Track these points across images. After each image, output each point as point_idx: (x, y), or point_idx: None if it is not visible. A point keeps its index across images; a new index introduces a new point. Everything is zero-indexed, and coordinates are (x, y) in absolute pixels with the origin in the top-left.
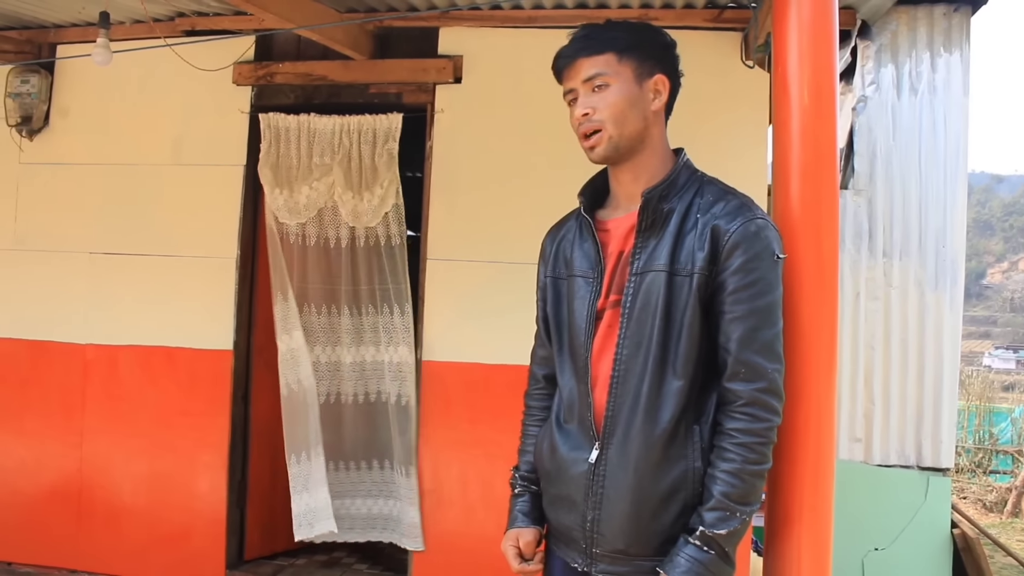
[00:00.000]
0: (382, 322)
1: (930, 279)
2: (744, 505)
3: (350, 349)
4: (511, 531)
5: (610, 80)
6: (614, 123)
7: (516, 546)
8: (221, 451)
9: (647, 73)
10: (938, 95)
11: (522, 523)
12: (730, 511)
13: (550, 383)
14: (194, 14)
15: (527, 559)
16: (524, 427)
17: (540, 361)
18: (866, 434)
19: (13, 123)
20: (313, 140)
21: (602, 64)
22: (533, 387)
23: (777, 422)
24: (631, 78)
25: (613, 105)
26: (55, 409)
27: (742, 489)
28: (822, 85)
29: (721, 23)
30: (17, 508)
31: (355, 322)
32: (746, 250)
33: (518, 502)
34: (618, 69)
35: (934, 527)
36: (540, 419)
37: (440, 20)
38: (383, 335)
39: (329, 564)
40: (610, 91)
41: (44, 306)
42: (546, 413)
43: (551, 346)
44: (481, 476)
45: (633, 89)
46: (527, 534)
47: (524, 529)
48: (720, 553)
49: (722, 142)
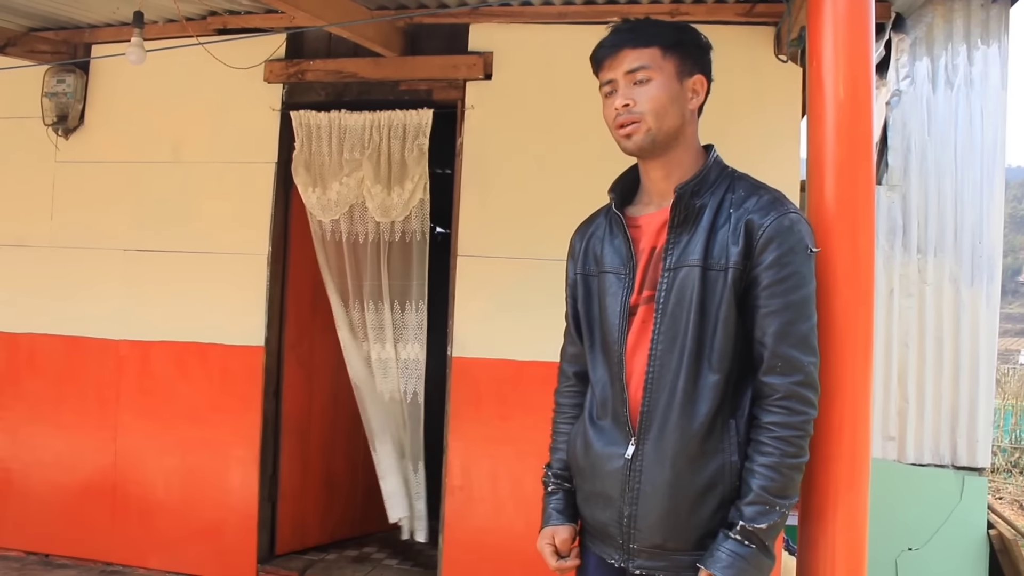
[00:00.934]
0: (397, 319)
1: (966, 276)
2: (783, 498)
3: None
4: (546, 529)
5: (653, 74)
6: (654, 117)
7: (552, 544)
8: (253, 446)
9: (688, 72)
10: (975, 88)
11: (557, 521)
12: (769, 504)
13: (581, 380)
14: (226, 13)
15: (563, 556)
16: (555, 425)
17: (570, 358)
18: (900, 432)
19: (49, 122)
20: (344, 137)
21: (647, 57)
22: (564, 384)
23: (814, 415)
24: (673, 74)
25: (655, 99)
26: (90, 404)
27: (780, 483)
28: (858, 79)
29: (753, 17)
30: (54, 501)
31: (374, 318)
32: (780, 244)
33: (552, 500)
34: (662, 64)
35: (970, 527)
36: (572, 416)
37: (470, 16)
38: (397, 332)
39: (359, 559)
40: (652, 85)
41: (79, 302)
42: (577, 410)
43: (582, 343)
44: (511, 473)
45: (674, 86)
46: (562, 531)
47: (559, 527)
48: (760, 547)
49: (754, 138)
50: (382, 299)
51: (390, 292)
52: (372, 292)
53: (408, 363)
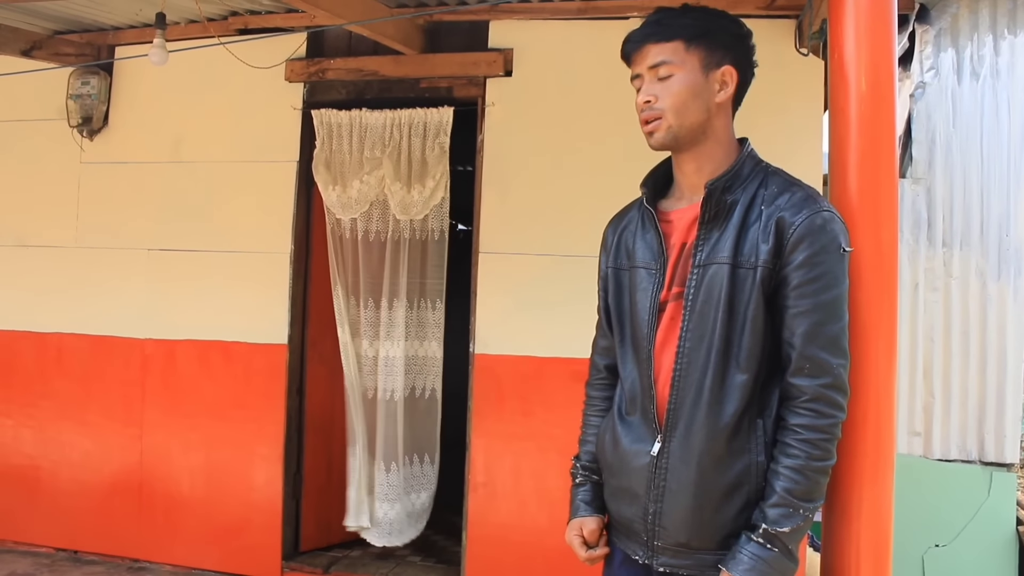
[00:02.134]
0: (417, 316)
1: (992, 269)
2: (807, 502)
3: (387, 343)
4: (574, 520)
5: (675, 69)
6: (674, 113)
7: (580, 535)
8: (277, 444)
9: (715, 64)
10: (1001, 79)
11: (585, 512)
12: (793, 508)
13: (612, 373)
14: (247, 12)
15: (592, 546)
16: (585, 417)
17: (602, 351)
18: (926, 428)
19: (75, 124)
20: (364, 135)
21: (669, 52)
22: (595, 377)
23: (842, 418)
24: (697, 68)
25: (676, 95)
26: (116, 402)
27: (805, 486)
28: (880, 71)
29: (774, 11)
30: (82, 498)
31: (393, 316)
32: (811, 243)
33: (580, 491)
34: (684, 58)
35: (998, 524)
36: (602, 409)
37: (490, 13)
38: (415, 329)
39: (383, 556)
40: (674, 80)
41: (104, 302)
42: (608, 403)
43: (613, 337)
44: (534, 469)
45: (698, 79)
46: (590, 522)
47: (587, 518)
48: (783, 550)
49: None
50: (398, 297)
51: (408, 290)
52: (390, 290)
53: (427, 360)
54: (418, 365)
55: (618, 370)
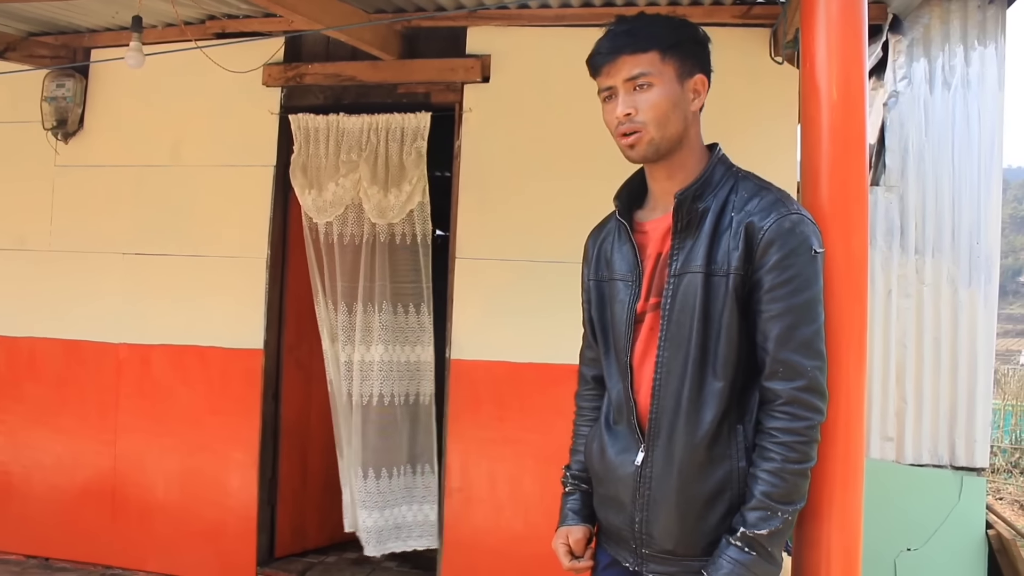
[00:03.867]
0: (403, 321)
1: (963, 276)
2: (786, 504)
3: (373, 348)
4: (561, 529)
5: (654, 80)
6: (656, 125)
7: (566, 544)
8: (252, 449)
9: (688, 73)
10: (972, 89)
11: (572, 521)
12: (771, 510)
13: (599, 384)
14: (224, 17)
15: (577, 556)
16: (575, 427)
17: (588, 362)
18: (898, 433)
19: (49, 126)
20: (342, 139)
21: (646, 63)
22: (583, 388)
23: (819, 420)
24: (673, 78)
25: (656, 107)
26: (90, 408)
27: (783, 488)
28: (851, 81)
29: (750, 19)
30: (54, 504)
31: (377, 320)
32: (781, 247)
33: (569, 500)
34: (661, 69)
35: (968, 528)
36: (591, 419)
37: (468, 20)
38: (404, 335)
39: (359, 562)
40: (653, 92)
41: (78, 306)
42: (596, 413)
43: (598, 348)
44: (509, 474)
45: (675, 90)
46: (577, 532)
47: (574, 527)
48: (763, 553)
49: (751, 139)
50: (380, 302)
51: (392, 294)
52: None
53: (415, 366)
54: (401, 371)
55: (604, 380)
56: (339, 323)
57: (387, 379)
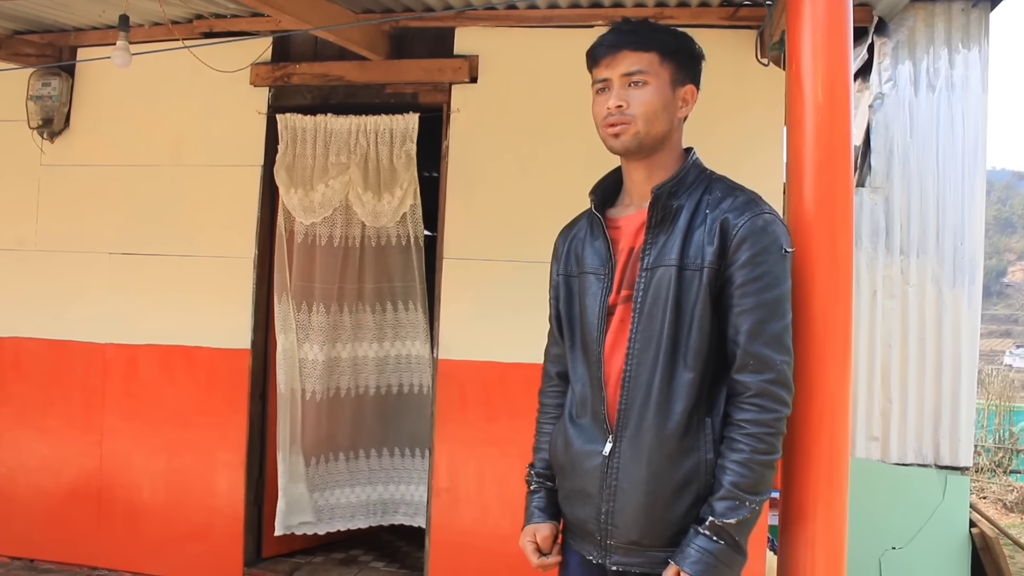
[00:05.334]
0: (399, 319)
1: (948, 277)
2: (754, 494)
3: (367, 345)
4: (528, 527)
5: (650, 79)
6: (645, 121)
7: (534, 541)
8: (239, 449)
9: (681, 81)
10: (956, 92)
11: (538, 519)
12: (739, 500)
13: (564, 380)
14: (212, 16)
15: (545, 553)
16: (539, 424)
17: (554, 359)
18: (883, 432)
19: (35, 125)
20: (330, 140)
21: (646, 62)
22: (547, 385)
23: (786, 412)
24: (668, 82)
25: (648, 104)
26: (76, 408)
27: (751, 479)
28: (836, 83)
29: (736, 21)
30: (39, 505)
31: (371, 319)
32: (754, 244)
33: (534, 498)
34: (659, 71)
35: (952, 526)
36: (554, 416)
37: (456, 20)
38: (400, 331)
39: (346, 562)
40: (648, 90)
41: (65, 306)
42: (560, 410)
43: (564, 343)
44: (497, 474)
45: (668, 93)
46: (544, 529)
47: (541, 524)
48: (730, 542)
49: (738, 140)
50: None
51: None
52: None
53: (412, 359)
54: (398, 364)
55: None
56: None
57: (388, 372)
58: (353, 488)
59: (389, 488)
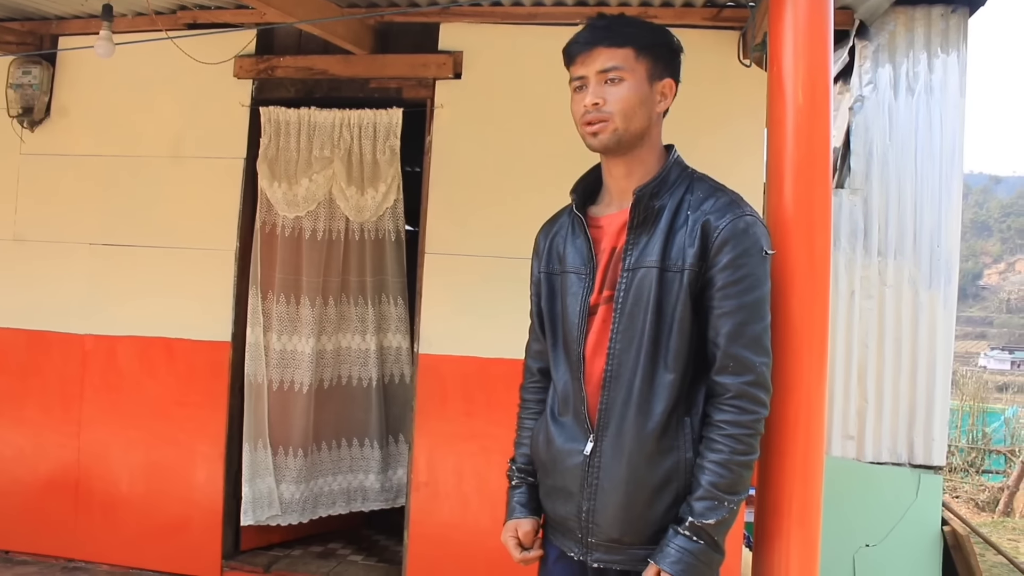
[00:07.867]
0: (380, 312)
1: (924, 278)
2: (732, 495)
3: (348, 337)
4: (510, 522)
5: (626, 75)
6: (623, 117)
7: (515, 536)
8: (218, 442)
9: (658, 75)
10: (935, 95)
11: (520, 514)
12: (718, 500)
13: (545, 376)
14: (196, 7)
15: (526, 548)
16: (520, 420)
17: (535, 355)
18: (859, 431)
19: (14, 114)
20: (313, 134)
21: (620, 58)
22: (528, 380)
23: (764, 414)
24: (644, 77)
25: (625, 100)
26: (54, 399)
27: (730, 479)
28: (816, 85)
29: (720, 22)
30: (15, 497)
31: (352, 312)
32: (735, 246)
33: (515, 494)
34: (634, 66)
35: (925, 524)
36: (535, 412)
37: (441, 16)
38: (381, 324)
39: (324, 555)
40: (624, 86)
41: (44, 296)
42: (541, 406)
43: (546, 341)
44: (476, 469)
45: (644, 88)
46: (525, 524)
47: (522, 520)
48: (709, 542)
49: (718, 140)
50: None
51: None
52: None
53: (394, 351)
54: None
55: (550, 373)
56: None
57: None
58: (335, 476)
59: (370, 477)
